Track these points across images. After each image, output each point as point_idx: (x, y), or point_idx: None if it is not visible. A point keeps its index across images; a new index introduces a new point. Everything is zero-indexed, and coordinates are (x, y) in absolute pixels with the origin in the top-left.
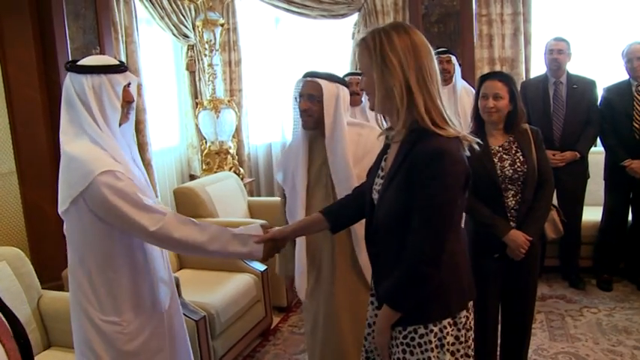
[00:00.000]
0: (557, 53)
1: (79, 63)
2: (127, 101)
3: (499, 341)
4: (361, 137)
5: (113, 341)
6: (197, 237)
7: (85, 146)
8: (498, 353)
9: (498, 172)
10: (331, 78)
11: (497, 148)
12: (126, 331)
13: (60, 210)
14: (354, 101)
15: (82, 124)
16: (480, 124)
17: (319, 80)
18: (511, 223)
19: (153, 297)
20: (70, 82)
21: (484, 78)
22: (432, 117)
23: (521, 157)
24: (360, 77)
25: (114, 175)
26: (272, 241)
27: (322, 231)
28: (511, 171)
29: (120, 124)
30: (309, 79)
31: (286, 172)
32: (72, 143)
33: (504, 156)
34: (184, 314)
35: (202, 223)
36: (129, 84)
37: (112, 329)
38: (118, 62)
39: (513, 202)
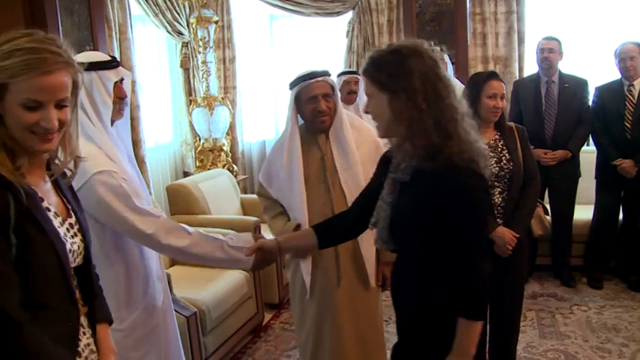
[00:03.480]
0: (548, 52)
1: None
2: (119, 97)
3: (487, 338)
4: (354, 127)
5: None
6: (186, 242)
7: (81, 144)
8: (487, 350)
9: None
10: (329, 73)
11: None
12: (121, 327)
13: None
14: (350, 99)
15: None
16: None
17: (328, 78)
18: (498, 220)
19: (147, 293)
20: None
21: (490, 78)
22: None
23: (507, 155)
24: (356, 76)
25: (109, 175)
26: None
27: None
28: (497, 168)
29: (113, 121)
30: (320, 79)
31: (272, 175)
32: None
33: (490, 154)
34: (175, 310)
35: (193, 229)
36: (122, 80)
37: None
38: (109, 58)
39: (500, 199)
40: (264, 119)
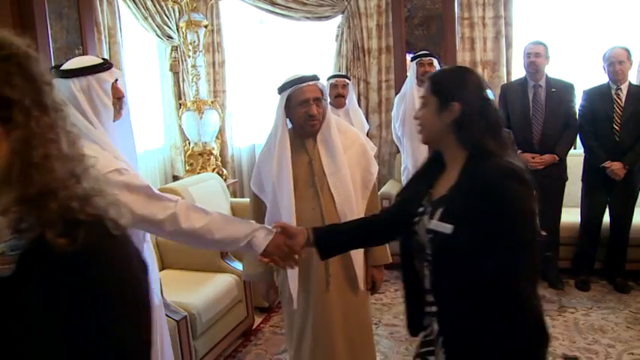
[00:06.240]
0: (534, 56)
1: (62, 68)
2: (118, 97)
3: None
4: (340, 131)
5: None
6: (204, 223)
7: (85, 148)
8: None
9: None
10: (318, 77)
11: None
12: None
13: None
14: (339, 103)
15: (78, 126)
16: None
17: (318, 82)
18: None
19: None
20: (57, 87)
21: None
22: None
23: None
24: (343, 79)
25: (119, 173)
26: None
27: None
28: None
29: (114, 121)
30: (311, 83)
31: (262, 180)
32: None
33: None
34: (165, 314)
35: (209, 210)
36: (116, 80)
37: None
38: (101, 60)
39: None
40: (253, 123)
